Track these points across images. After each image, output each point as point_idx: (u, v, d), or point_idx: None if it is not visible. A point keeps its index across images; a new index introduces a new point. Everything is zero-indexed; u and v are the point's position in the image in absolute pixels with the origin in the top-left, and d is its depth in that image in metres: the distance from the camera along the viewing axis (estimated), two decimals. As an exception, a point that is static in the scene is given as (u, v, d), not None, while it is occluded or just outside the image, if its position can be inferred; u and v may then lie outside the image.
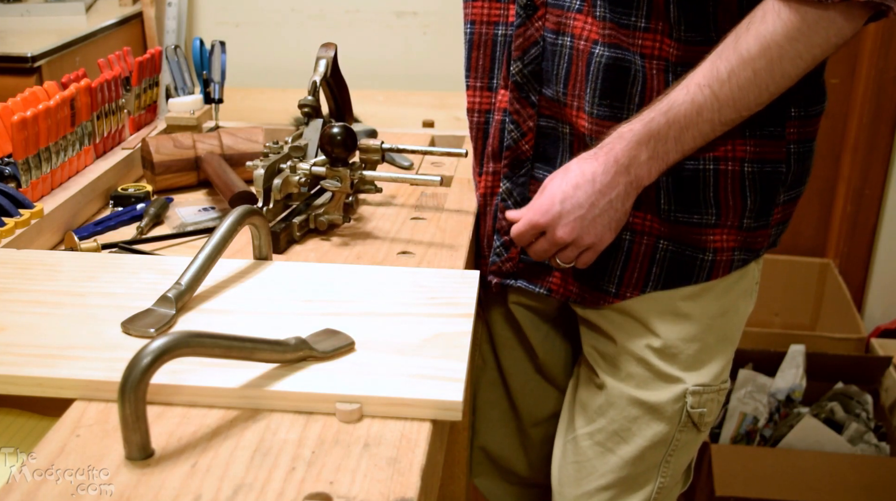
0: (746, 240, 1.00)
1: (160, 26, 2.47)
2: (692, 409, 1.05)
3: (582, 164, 0.94)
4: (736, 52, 0.86)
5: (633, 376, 1.05)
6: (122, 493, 0.61)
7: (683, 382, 1.04)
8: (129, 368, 0.62)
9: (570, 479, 1.12)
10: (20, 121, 1.02)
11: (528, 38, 0.98)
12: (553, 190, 0.95)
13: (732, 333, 1.07)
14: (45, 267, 0.91)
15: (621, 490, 1.09)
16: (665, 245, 0.99)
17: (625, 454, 1.07)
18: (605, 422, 1.07)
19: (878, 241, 2.52)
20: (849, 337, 2.29)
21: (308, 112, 1.15)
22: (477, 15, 1.04)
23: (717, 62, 0.87)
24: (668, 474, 1.09)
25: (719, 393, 1.07)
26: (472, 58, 1.06)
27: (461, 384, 0.72)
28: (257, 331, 0.75)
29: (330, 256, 1.01)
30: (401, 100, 1.72)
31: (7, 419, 0.77)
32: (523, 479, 1.29)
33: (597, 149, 0.94)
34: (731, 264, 1.00)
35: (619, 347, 1.05)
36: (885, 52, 2.32)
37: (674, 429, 1.06)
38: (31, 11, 2.29)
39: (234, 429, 0.68)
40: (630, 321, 1.04)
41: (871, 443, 2.06)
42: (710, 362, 1.05)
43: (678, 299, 1.02)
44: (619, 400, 1.06)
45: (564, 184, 0.94)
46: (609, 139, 0.93)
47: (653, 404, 1.04)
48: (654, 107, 0.91)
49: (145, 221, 1.10)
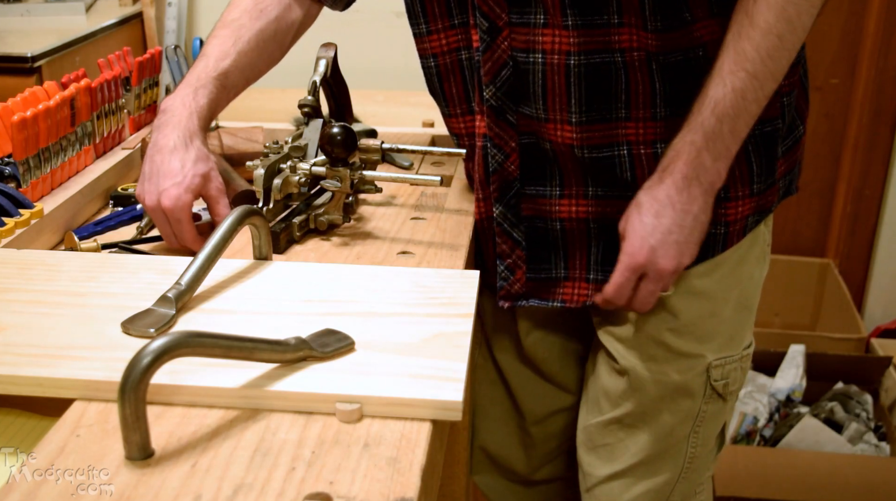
0: (758, 203, 1.01)
1: (160, 26, 2.47)
2: (716, 382, 1.06)
3: (652, 193, 0.93)
4: (754, 27, 0.86)
5: (655, 357, 1.05)
6: (122, 493, 0.61)
7: (705, 357, 1.05)
8: (129, 368, 0.62)
9: (599, 461, 1.13)
10: (20, 121, 1.02)
11: (497, 60, 0.97)
12: (635, 229, 0.94)
13: (750, 301, 1.08)
14: (45, 267, 0.91)
15: (652, 463, 1.10)
16: None
17: (654, 431, 1.08)
18: (631, 406, 1.08)
19: (878, 241, 2.52)
20: (849, 337, 2.29)
21: (308, 112, 1.15)
22: (437, 48, 1.03)
23: (739, 44, 0.87)
24: (697, 444, 1.10)
25: (742, 361, 1.08)
26: (445, 89, 1.05)
27: (461, 384, 0.72)
28: (257, 331, 0.75)
29: (330, 256, 1.01)
30: (401, 100, 1.71)
31: (7, 419, 0.77)
32: (523, 477, 1.30)
33: (659, 173, 0.93)
34: (744, 230, 1.01)
35: (637, 330, 1.05)
36: (885, 52, 2.32)
37: (700, 402, 1.07)
38: (31, 11, 2.29)
39: (234, 429, 0.68)
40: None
41: (871, 443, 2.06)
42: (729, 333, 1.06)
43: (694, 276, 1.02)
44: (644, 383, 1.06)
45: (645, 218, 0.93)
46: (666, 159, 0.93)
47: (677, 383, 1.05)
48: (699, 110, 0.90)
49: (145, 221, 1.10)
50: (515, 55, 0.96)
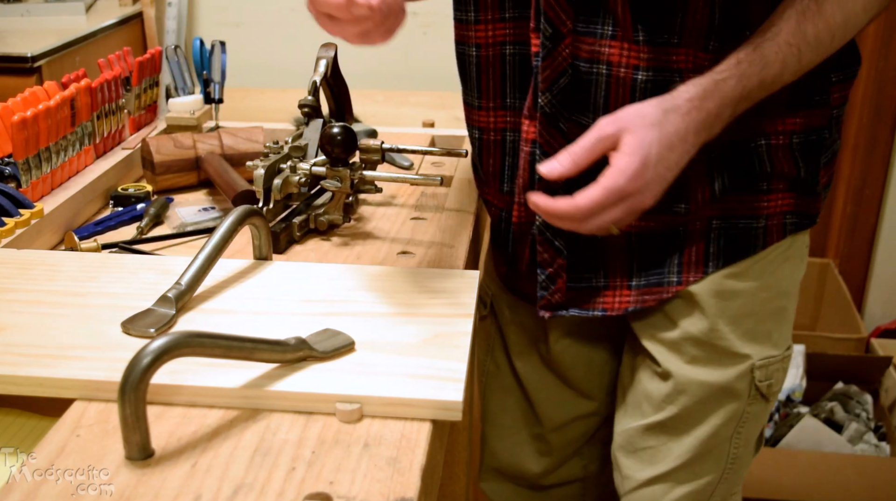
0: (799, 203, 1.00)
1: (160, 26, 2.47)
2: (760, 382, 1.05)
3: (673, 119, 0.84)
4: (822, 17, 0.85)
5: (698, 359, 1.03)
6: (122, 493, 0.61)
7: (749, 358, 1.03)
8: (129, 368, 0.62)
9: (640, 464, 1.11)
10: (20, 121, 1.02)
11: (556, 68, 0.93)
12: (643, 150, 0.83)
13: (790, 300, 1.07)
14: (45, 267, 0.91)
15: (695, 466, 1.09)
16: (717, 223, 0.98)
17: (699, 434, 1.07)
18: (675, 410, 1.06)
19: (878, 241, 2.52)
20: (849, 337, 2.29)
21: (308, 112, 1.15)
22: (482, 38, 1.00)
23: (804, 24, 0.85)
24: (740, 445, 1.09)
25: (784, 361, 1.07)
26: (482, 81, 1.02)
27: (461, 384, 0.72)
28: (257, 331, 0.75)
29: (330, 256, 1.01)
30: (401, 100, 1.72)
31: (7, 419, 0.77)
32: (534, 483, 1.27)
33: (687, 99, 0.85)
34: (783, 228, 1.00)
35: (680, 332, 1.03)
36: (886, 52, 2.32)
37: (744, 403, 1.06)
38: (31, 11, 2.29)
39: (234, 429, 0.68)
40: (689, 304, 1.02)
41: (871, 443, 2.06)
42: (772, 333, 1.04)
43: (734, 277, 1.01)
44: (688, 386, 1.04)
45: (659, 145, 0.83)
46: (700, 89, 0.85)
47: (722, 385, 1.04)
48: (750, 58, 0.86)
49: (145, 221, 1.10)
50: (577, 64, 0.93)
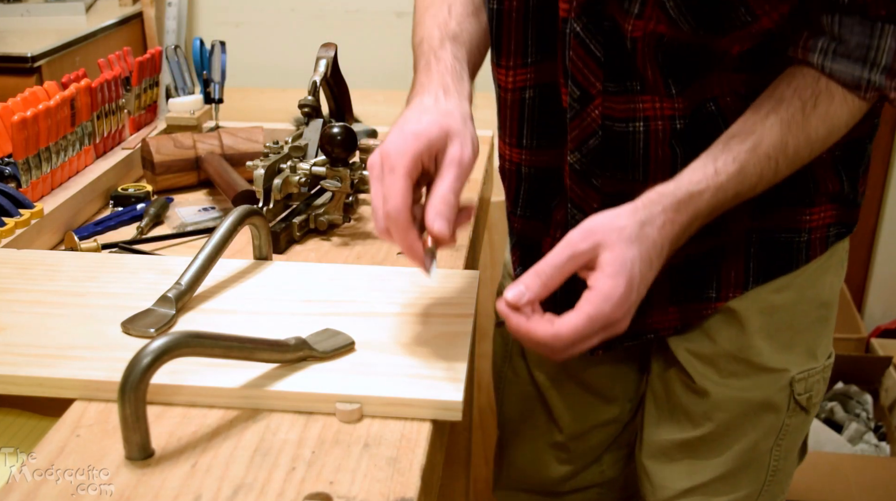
0: (841, 214, 0.98)
1: (160, 26, 2.47)
2: (799, 395, 1.02)
3: (650, 233, 0.77)
4: (804, 132, 0.82)
5: (736, 374, 1.01)
6: (122, 493, 0.61)
7: (787, 371, 1.01)
8: (129, 368, 0.62)
9: (676, 475, 1.09)
10: (20, 121, 1.02)
11: (585, 128, 0.90)
12: (632, 271, 0.75)
13: (830, 309, 1.04)
14: (45, 267, 0.91)
15: (734, 478, 1.07)
16: (758, 237, 0.96)
17: (737, 447, 1.05)
18: (713, 425, 1.04)
19: (877, 241, 2.52)
20: (849, 337, 2.29)
21: (308, 112, 1.15)
22: (502, 81, 0.97)
23: (787, 136, 0.81)
24: (779, 457, 1.07)
25: (824, 372, 1.04)
26: (506, 118, 0.99)
27: (461, 384, 0.72)
28: (257, 331, 0.75)
29: (330, 256, 1.01)
30: (401, 100, 1.71)
31: (7, 419, 0.77)
32: (551, 490, 1.25)
33: (661, 211, 0.78)
34: (826, 241, 0.98)
35: (716, 347, 1.01)
36: (885, 52, 2.32)
37: (783, 416, 1.03)
38: (31, 11, 2.29)
39: (234, 429, 0.68)
40: (728, 320, 0.99)
41: (871, 443, 2.06)
42: (811, 345, 1.02)
43: (775, 291, 0.98)
44: (725, 403, 1.02)
45: (642, 263, 0.76)
46: (674, 200, 0.79)
47: (759, 400, 1.02)
48: (728, 170, 0.80)
49: (145, 221, 1.10)
50: (609, 124, 0.90)
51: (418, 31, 0.94)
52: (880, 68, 0.80)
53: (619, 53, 0.86)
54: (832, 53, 0.81)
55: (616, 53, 0.86)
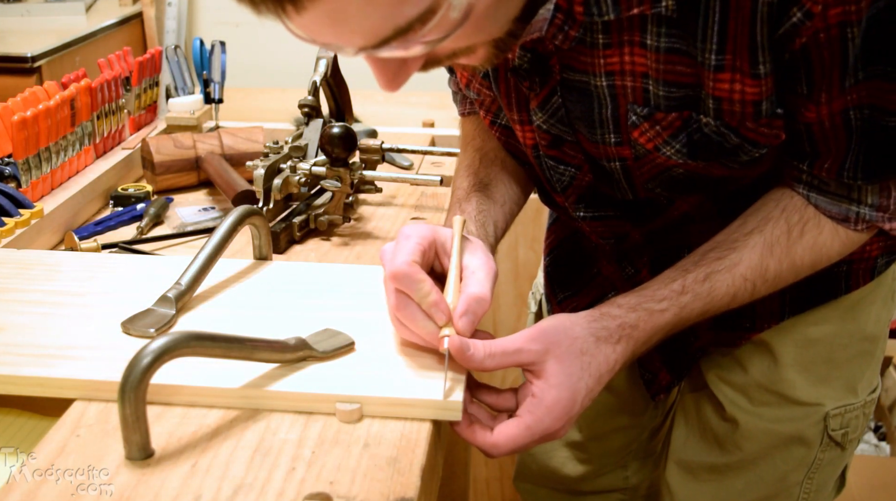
0: (889, 245, 0.91)
1: (160, 26, 2.47)
2: (833, 431, 0.98)
3: (604, 349, 0.75)
4: (788, 257, 0.78)
5: (769, 404, 0.98)
6: (122, 493, 0.61)
7: (822, 406, 0.96)
8: (129, 368, 0.62)
9: (702, 495, 1.07)
10: (20, 121, 1.02)
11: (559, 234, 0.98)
12: (577, 385, 0.74)
13: (877, 343, 0.99)
14: (45, 267, 0.91)
15: None
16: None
17: (766, 477, 1.02)
18: (742, 454, 1.01)
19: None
20: (849, 337, 2.28)
21: (308, 112, 1.15)
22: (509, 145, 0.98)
23: (767, 260, 0.78)
24: (811, 490, 1.03)
25: (865, 407, 0.99)
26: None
27: (461, 384, 0.72)
28: (257, 331, 0.75)
29: (330, 256, 1.01)
30: (401, 100, 1.72)
31: (7, 419, 0.77)
32: (571, 487, 1.25)
33: (618, 326, 0.76)
34: (872, 271, 0.92)
35: (748, 378, 0.98)
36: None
37: (815, 451, 1.00)
38: (31, 11, 2.29)
39: (234, 429, 0.68)
40: (761, 351, 0.97)
41: (871, 443, 2.06)
42: (851, 379, 0.97)
43: (811, 322, 0.94)
44: (756, 433, 0.99)
45: (589, 378, 0.74)
46: (633, 317, 0.77)
47: (790, 432, 0.98)
48: (695, 289, 0.78)
49: (145, 221, 1.10)
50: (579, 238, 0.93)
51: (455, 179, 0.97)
52: (867, 204, 0.77)
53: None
54: (816, 190, 0.78)
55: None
